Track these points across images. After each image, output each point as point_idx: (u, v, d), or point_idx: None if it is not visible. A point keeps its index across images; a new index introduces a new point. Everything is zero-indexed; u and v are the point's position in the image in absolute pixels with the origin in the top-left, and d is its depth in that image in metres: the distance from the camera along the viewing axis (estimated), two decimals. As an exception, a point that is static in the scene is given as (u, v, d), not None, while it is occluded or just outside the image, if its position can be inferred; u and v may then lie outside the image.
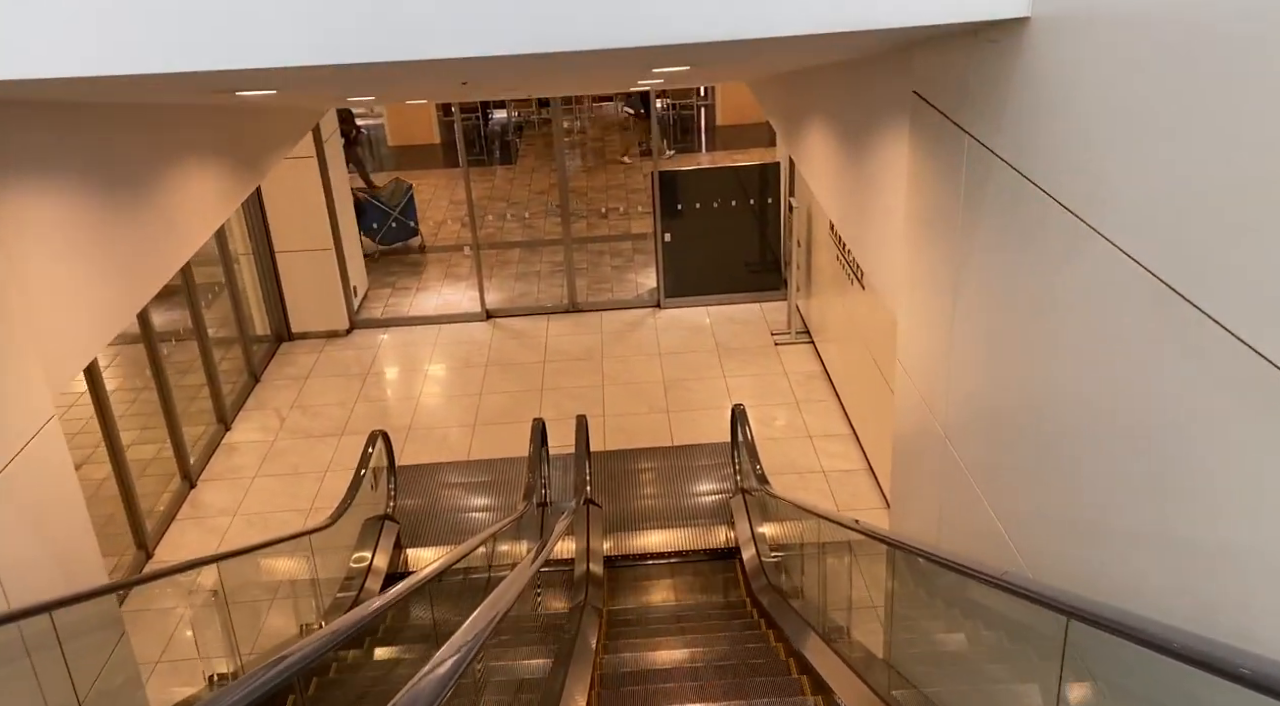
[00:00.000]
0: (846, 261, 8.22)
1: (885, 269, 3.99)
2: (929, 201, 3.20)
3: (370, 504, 7.38)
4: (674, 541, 7.44)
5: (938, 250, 3.12)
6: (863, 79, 4.17)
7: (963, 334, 2.94)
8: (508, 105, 18.61)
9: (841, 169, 4.78)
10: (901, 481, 3.82)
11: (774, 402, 9.09)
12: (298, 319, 10.66)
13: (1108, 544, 2.13)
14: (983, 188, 2.67)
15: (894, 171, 3.73)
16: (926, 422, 3.34)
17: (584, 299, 11.23)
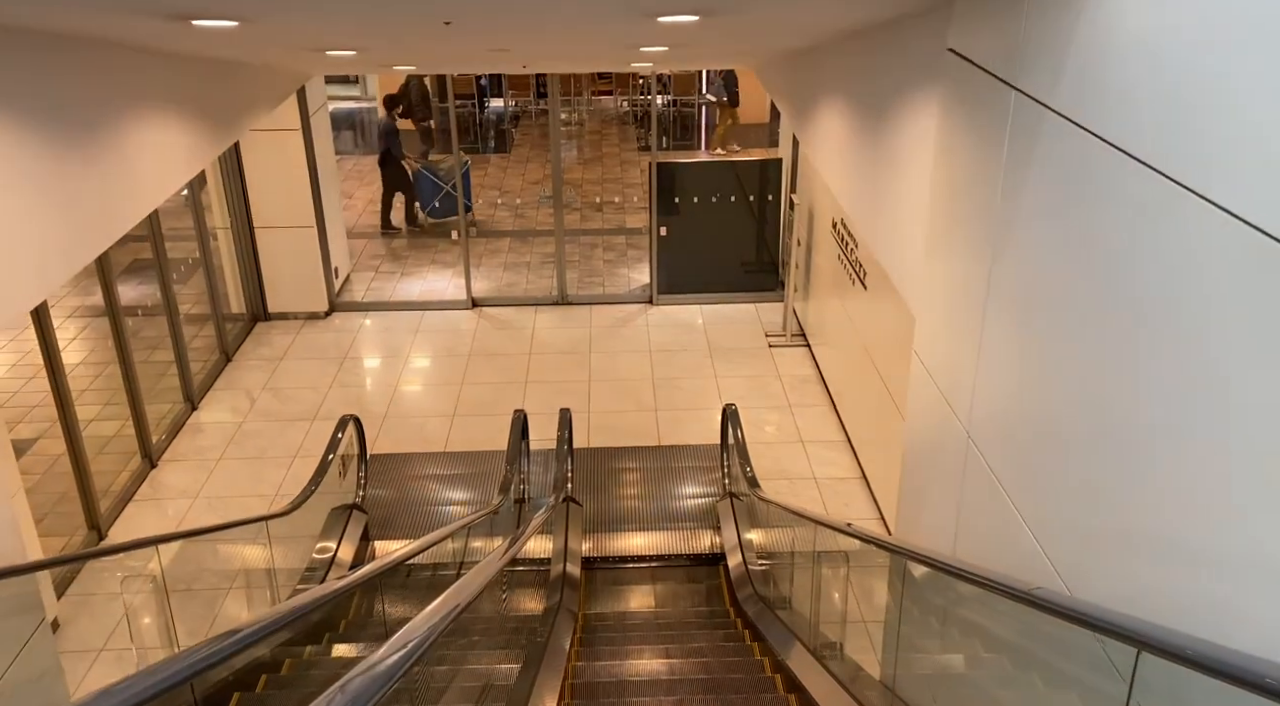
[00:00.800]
0: (849, 260, 7.89)
1: (902, 255, 3.65)
2: (962, 171, 2.86)
3: (338, 492, 7.00)
4: (656, 544, 7.08)
5: (971, 225, 2.78)
6: (886, 47, 3.83)
7: (999, 319, 2.60)
8: (505, 94, 18.25)
9: (856, 150, 4.44)
10: (912, 486, 3.47)
11: (766, 405, 8.75)
12: (275, 298, 10.26)
13: (1179, 564, 1.78)
14: (1033, 148, 2.33)
15: (918, 146, 3.39)
16: (947, 422, 3.00)
17: (574, 292, 10.87)
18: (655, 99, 11.08)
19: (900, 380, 6.35)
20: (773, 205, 10.52)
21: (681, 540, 7.09)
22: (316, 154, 9.94)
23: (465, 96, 17.34)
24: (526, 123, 18.13)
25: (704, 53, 6.45)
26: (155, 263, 8.24)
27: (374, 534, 7.14)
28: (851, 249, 7.80)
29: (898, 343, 6.47)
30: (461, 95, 17.32)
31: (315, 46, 4.31)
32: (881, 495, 7.24)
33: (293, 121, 9.52)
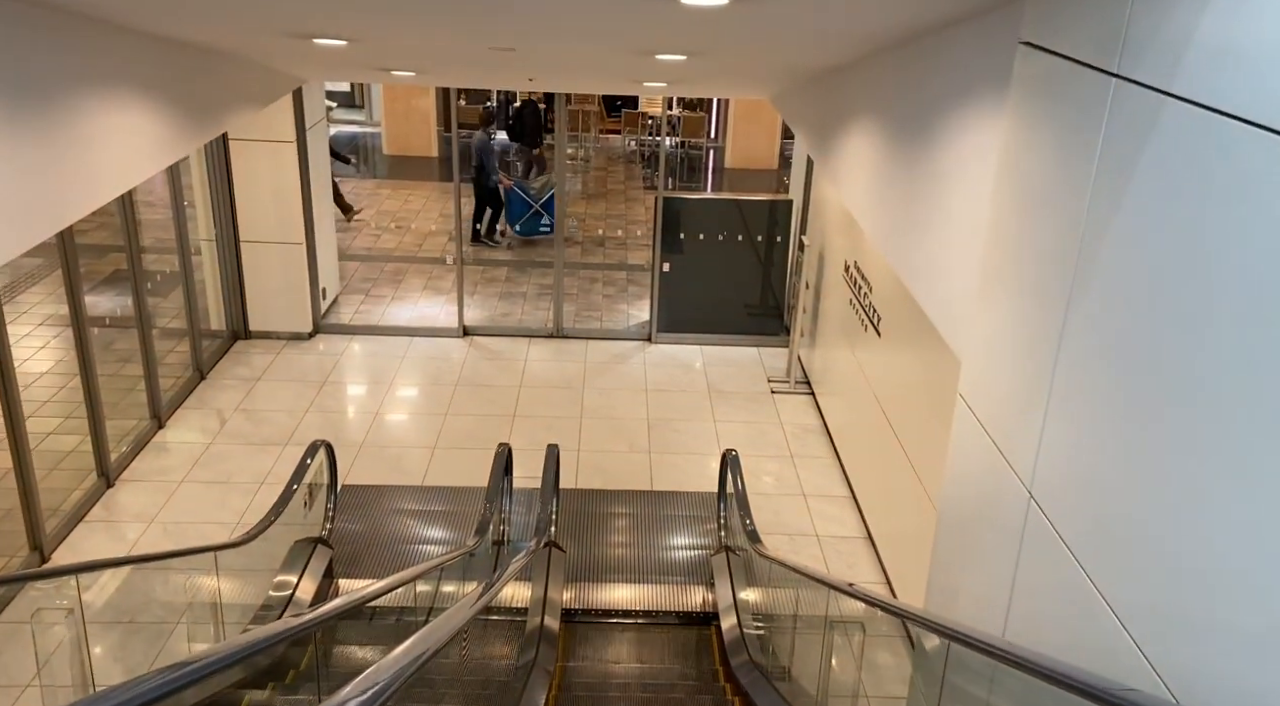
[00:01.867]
0: (861, 305, 7.47)
1: (945, 289, 3.21)
2: (1037, 182, 2.43)
3: (303, 524, 6.49)
4: (644, 599, 6.55)
5: (1045, 248, 2.34)
6: (930, 55, 3.43)
7: (1078, 352, 2.15)
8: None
9: (890, 175, 4.03)
10: (950, 548, 2.99)
11: (766, 454, 8.27)
12: (258, 316, 9.80)
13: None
14: (1142, 143, 1.90)
15: (971, 164, 2.98)
16: (1001, 477, 2.53)
17: (570, 325, 10.44)
18: (664, 140, 10.71)
19: (917, 434, 5.91)
20: (780, 247, 10.14)
21: (671, 595, 6.57)
22: (311, 168, 9.56)
23: (471, 126, 17.06)
24: (532, 156, 17.82)
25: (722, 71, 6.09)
26: (130, 273, 7.80)
27: (339, 571, 6.61)
28: (865, 293, 7.38)
29: (916, 394, 6.01)
30: (467, 125, 17.05)
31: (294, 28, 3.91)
32: (889, 557, 6.74)
33: (288, 133, 9.15)
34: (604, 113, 19.06)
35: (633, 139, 18.28)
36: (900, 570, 6.46)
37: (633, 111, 17.79)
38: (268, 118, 9.04)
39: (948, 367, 5.46)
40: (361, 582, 6.64)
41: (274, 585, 6.00)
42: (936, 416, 5.65)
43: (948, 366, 5.45)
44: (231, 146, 9.11)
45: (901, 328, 6.47)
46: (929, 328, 5.95)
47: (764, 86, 7.09)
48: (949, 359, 5.54)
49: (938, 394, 5.65)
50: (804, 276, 8.98)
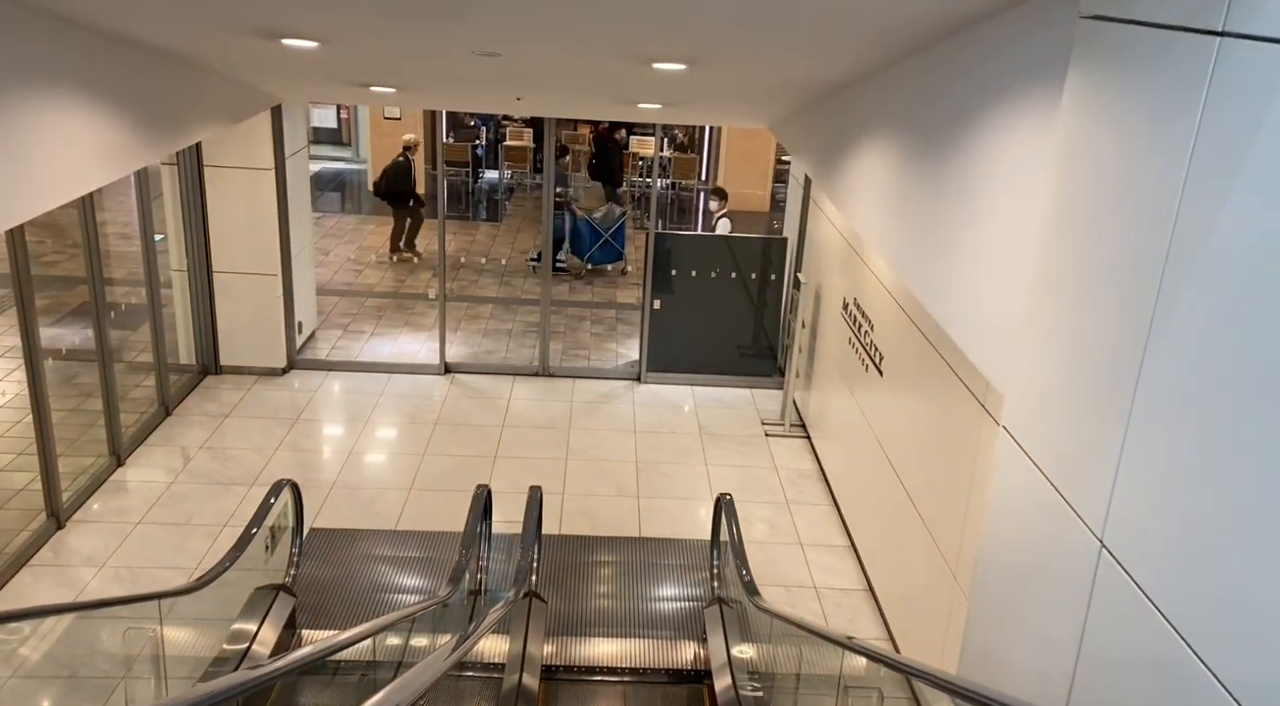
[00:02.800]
0: (861, 344, 7.13)
1: (979, 312, 2.86)
2: (1109, 175, 2.08)
3: (265, 569, 6.02)
4: (630, 654, 6.09)
5: (1119, 247, 1.99)
6: (962, 52, 3.11)
7: (1166, 377, 1.78)
8: (501, 165, 17.76)
9: (910, 193, 3.70)
10: (991, 605, 2.59)
11: (760, 500, 7.86)
12: (230, 350, 9.38)
13: None
14: (1261, 114, 1.55)
15: (1014, 168, 2.65)
16: (1062, 525, 2.15)
17: (557, 363, 10.05)
18: (655, 174, 10.42)
19: (925, 480, 5.53)
20: (774, 286, 9.82)
21: (660, 651, 6.10)
22: (290, 198, 9.21)
23: (458, 164, 16.84)
24: (520, 195, 17.60)
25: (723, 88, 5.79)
26: (93, 304, 7.39)
27: (303, 621, 6.12)
28: (865, 331, 7.04)
29: (925, 436, 5.64)
30: (454, 162, 16.82)
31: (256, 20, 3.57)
32: (892, 612, 6.31)
33: (266, 160, 8.81)
34: (594, 153, 18.86)
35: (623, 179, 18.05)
36: (905, 626, 6.04)
37: (625, 152, 17.59)
38: (245, 144, 8.72)
39: (962, 406, 5.12)
40: (326, 633, 6.16)
41: (229, 636, 5.51)
42: (949, 460, 5.28)
43: (961, 404, 5.11)
44: (206, 173, 8.77)
45: (907, 366, 6.12)
46: (938, 364, 5.62)
47: (763, 111, 6.80)
48: (963, 397, 5.19)
49: (950, 435, 5.28)
50: (800, 315, 8.66)
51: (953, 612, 5.17)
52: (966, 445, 5.03)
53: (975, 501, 4.92)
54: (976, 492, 4.91)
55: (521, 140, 17.51)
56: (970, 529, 4.97)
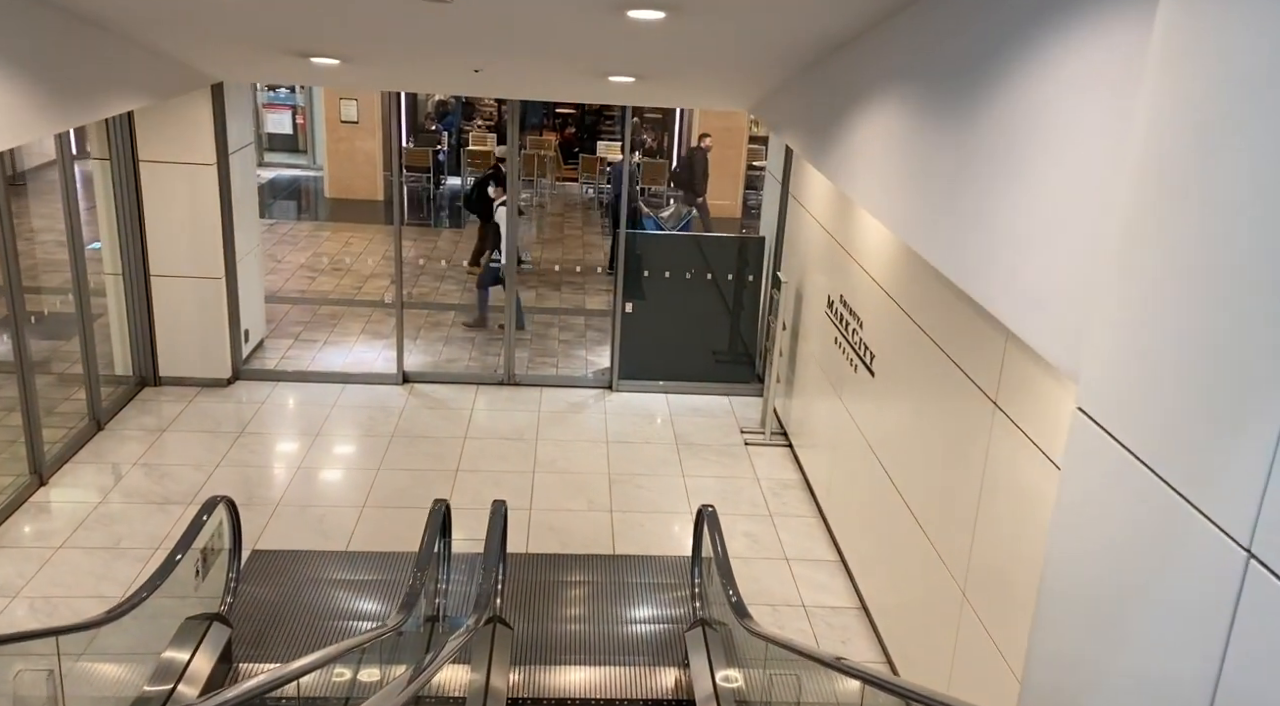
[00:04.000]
0: (849, 343, 6.66)
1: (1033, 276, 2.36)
2: (1237, 79, 1.59)
3: (199, 597, 5.40)
4: (604, 683, 5.53)
5: (1261, 169, 1.49)
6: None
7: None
8: (463, 172, 17.20)
9: (925, 158, 3.22)
10: (1064, 640, 2.08)
11: (742, 512, 7.34)
12: (170, 360, 8.72)
13: None
14: None
15: (1081, 102, 2.16)
16: (1179, 524, 1.65)
17: (523, 372, 9.50)
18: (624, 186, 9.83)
19: (925, 487, 5.03)
20: (751, 288, 9.34)
21: (638, 679, 5.55)
22: (235, 197, 8.60)
23: (419, 169, 16.26)
24: (484, 201, 16.99)
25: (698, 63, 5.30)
26: (10, 311, 6.74)
27: (240, 653, 5.51)
28: (854, 329, 6.57)
29: (925, 439, 5.16)
30: (415, 168, 16.25)
31: None
32: (889, 631, 5.80)
33: (207, 156, 8.21)
34: (561, 160, 18.38)
35: (590, 187, 17.57)
36: (904, 646, 5.53)
37: (591, 156, 17.12)
38: (184, 137, 8.12)
39: (968, 404, 4.64)
40: (268, 667, 5.55)
41: (153, 674, 4.88)
42: (953, 464, 4.79)
43: (968, 402, 4.62)
44: (142, 168, 8.15)
45: (902, 364, 5.65)
46: (939, 360, 5.14)
47: (743, 88, 6.31)
48: (969, 394, 4.71)
49: (954, 437, 4.80)
50: (780, 316, 8.18)
51: (961, 630, 4.67)
52: (975, 446, 4.55)
53: (987, 507, 4.44)
54: (988, 497, 4.43)
55: (485, 144, 16.97)
56: (982, 538, 4.48)
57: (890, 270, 5.88)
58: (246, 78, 8.00)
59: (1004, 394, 4.30)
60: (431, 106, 21.33)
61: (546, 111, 23.30)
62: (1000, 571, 4.28)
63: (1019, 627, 4.10)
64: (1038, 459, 3.95)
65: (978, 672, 4.47)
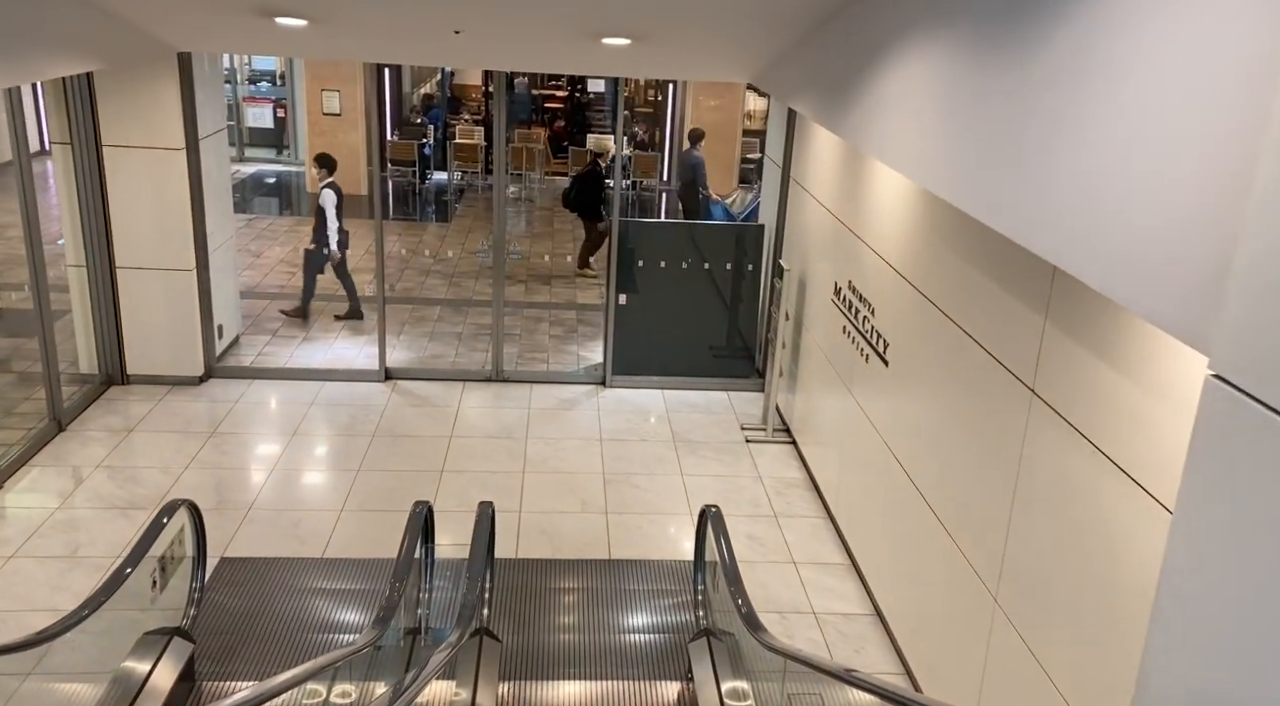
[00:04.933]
0: (860, 332, 6.24)
1: (1132, 228, 1.94)
2: None
3: (161, 610, 4.96)
4: (601, 700, 5.11)
5: None
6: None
7: None
8: (450, 166, 16.73)
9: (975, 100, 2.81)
10: (1191, 651, 1.65)
11: (744, 513, 6.92)
12: (137, 357, 8.26)
13: None
14: None
15: None
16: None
17: (511, 368, 9.06)
18: (617, 180, 9.32)
19: (947, 482, 4.58)
20: (751, 279, 8.93)
21: (636, 695, 5.13)
22: (207, 185, 8.14)
23: (404, 163, 15.80)
24: (471, 196, 16.58)
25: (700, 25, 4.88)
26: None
27: (204, 671, 5.06)
28: (864, 317, 6.16)
29: (948, 431, 4.74)
30: (400, 162, 15.79)
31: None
32: (906, 639, 5.39)
33: (176, 140, 7.75)
34: (550, 153, 17.95)
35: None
36: (927, 656, 5.12)
37: (581, 149, 16.67)
38: (150, 121, 7.67)
39: (998, 390, 4.20)
40: (240, 686, 5.10)
41: (104, 696, 4.43)
42: (981, 457, 4.38)
43: (998, 388, 4.19)
44: (106, 153, 7.68)
45: (921, 350, 5.23)
46: (963, 344, 4.71)
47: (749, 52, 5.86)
48: (1000, 379, 4.28)
49: (982, 426, 4.38)
50: (783, 306, 7.76)
51: (994, 640, 4.26)
52: (1008, 438, 4.14)
53: (1023, 505, 4.03)
54: (1024, 495, 4.02)
55: (472, 138, 16.52)
56: (1017, 539, 4.07)
57: (905, 251, 5.48)
58: (209, 45, 7.53)
59: (1044, 380, 3.89)
60: (417, 99, 20.89)
61: (535, 106, 22.87)
62: (1039, 575, 3.87)
63: (1061, 638, 3.69)
64: (1085, 451, 3.55)
65: (1014, 687, 4.06)
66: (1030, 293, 3.97)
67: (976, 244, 4.50)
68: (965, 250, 4.63)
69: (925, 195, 5.16)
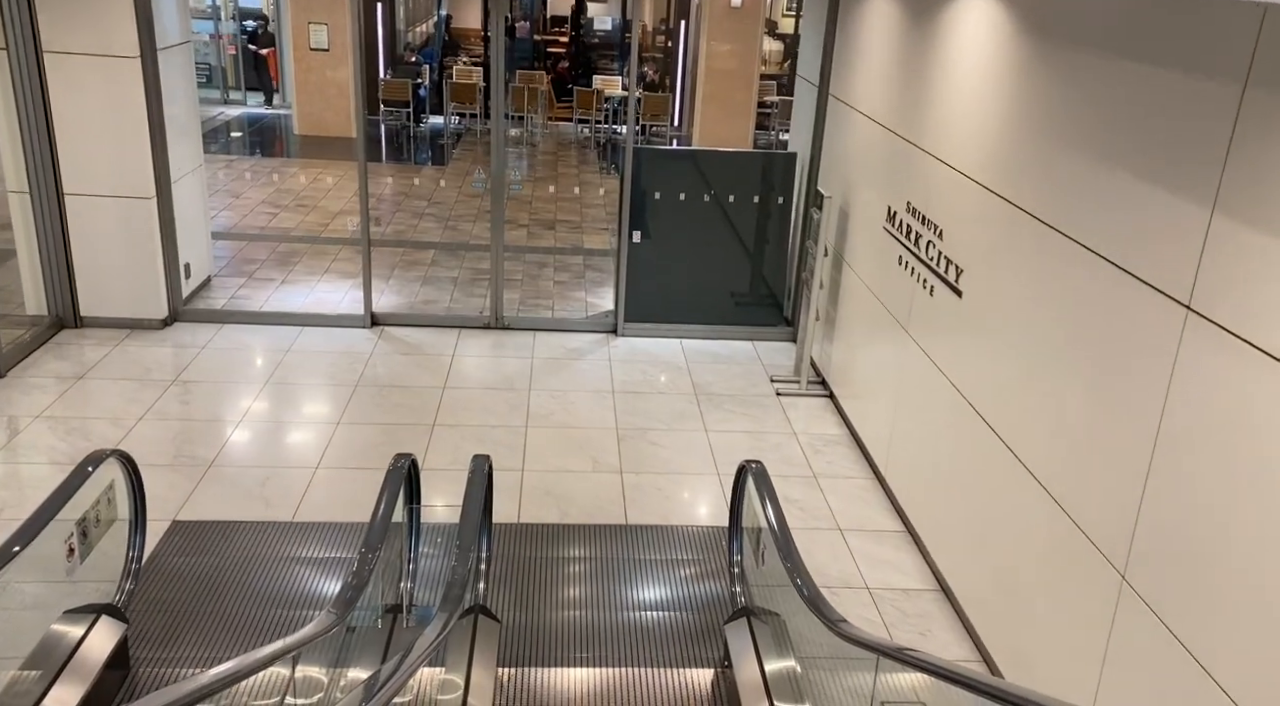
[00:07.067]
0: (923, 260, 5.32)
1: None
2: None
3: (95, 583, 4.10)
4: (618, 690, 4.25)
5: None
6: None
7: None
8: (446, 109, 15.70)
9: None
10: None
11: (779, 474, 5.98)
12: (92, 298, 7.34)
13: None
14: None
15: None
16: None
17: (513, 314, 8.14)
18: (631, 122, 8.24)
19: (1048, 432, 3.60)
20: (779, 215, 7.98)
21: (660, 684, 4.27)
22: (169, 103, 7.18)
23: (398, 103, 14.77)
24: (470, 141, 15.56)
25: None
26: None
27: (140, 656, 4.20)
28: (929, 243, 5.23)
29: (1047, 368, 3.81)
30: (393, 102, 14.76)
31: None
32: (983, 621, 4.52)
33: (127, 46, 6.77)
34: (554, 97, 16.91)
35: (585, 127, 16.10)
36: (1010, 641, 4.25)
37: (586, 90, 15.64)
38: (99, 23, 6.70)
39: (1133, 311, 3.20)
40: (185, 673, 4.25)
41: (3, 689, 3.57)
42: (1105, 397, 3.47)
43: (1132, 309, 3.20)
44: (48, 60, 6.72)
45: (1009, 273, 4.31)
46: (1078, 257, 3.70)
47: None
48: (1134, 297, 3.34)
49: (1105, 359, 3.47)
50: (821, 240, 6.82)
51: (1119, 626, 3.38)
52: (1147, 371, 3.24)
53: (1167, 454, 3.13)
54: (1170, 441, 3.12)
55: (470, 78, 15.47)
56: (1159, 498, 3.18)
57: (991, 157, 4.54)
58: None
59: (1204, 294, 2.98)
60: (413, 37, 19.81)
61: (536, 52, 21.78)
62: (1196, 544, 2.99)
63: (1229, 626, 2.81)
64: (1275, 376, 2.65)
65: (1154, 686, 3.18)
66: (1191, 177, 3.05)
67: (1107, 129, 3.57)
68: (1088, 140, 3.70)
69: (1027, 84, 4.21)
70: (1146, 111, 3.32)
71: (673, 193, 7.82)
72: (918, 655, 2.69)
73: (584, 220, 11.44)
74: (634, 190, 7.70)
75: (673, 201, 7.83)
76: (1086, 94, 3.73)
